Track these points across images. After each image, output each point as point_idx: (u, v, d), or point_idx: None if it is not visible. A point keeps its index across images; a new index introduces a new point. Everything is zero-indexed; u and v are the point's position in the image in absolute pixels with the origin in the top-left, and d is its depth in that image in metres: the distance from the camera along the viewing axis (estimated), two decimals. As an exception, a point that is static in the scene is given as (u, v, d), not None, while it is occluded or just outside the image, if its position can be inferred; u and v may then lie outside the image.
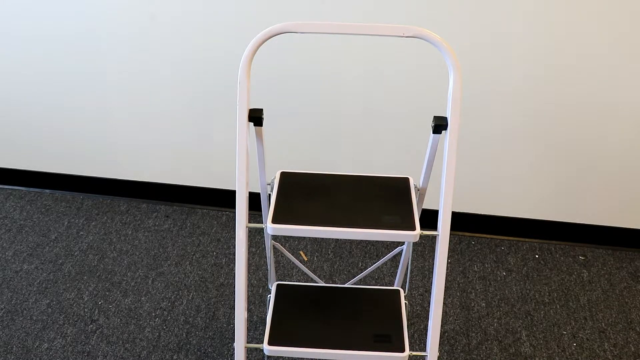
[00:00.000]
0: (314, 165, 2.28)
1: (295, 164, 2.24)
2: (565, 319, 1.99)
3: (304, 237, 2.31)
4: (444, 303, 1.99)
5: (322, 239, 2.29)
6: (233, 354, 1.77)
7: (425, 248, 2.28)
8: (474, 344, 1.88)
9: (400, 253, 1.78)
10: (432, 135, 1.31)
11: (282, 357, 1.71)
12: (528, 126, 2.15)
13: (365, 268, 2.15)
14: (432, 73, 2.06)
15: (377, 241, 2.28)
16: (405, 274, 1.93)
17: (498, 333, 1.92)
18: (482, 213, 2.35)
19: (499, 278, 2.15)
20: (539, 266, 2.22)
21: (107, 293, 2.03)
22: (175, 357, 1.81)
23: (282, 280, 2.04)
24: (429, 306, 1.44)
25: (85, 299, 2.01)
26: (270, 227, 1.28)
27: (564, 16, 1.96)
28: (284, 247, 2.16)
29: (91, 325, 1.91)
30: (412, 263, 2.19)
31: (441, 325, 1.37)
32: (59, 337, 1.86)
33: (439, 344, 1.43)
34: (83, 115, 2.37)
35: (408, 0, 1.99)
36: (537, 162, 2.22)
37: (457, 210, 2.30)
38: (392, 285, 2.04)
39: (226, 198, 2.43)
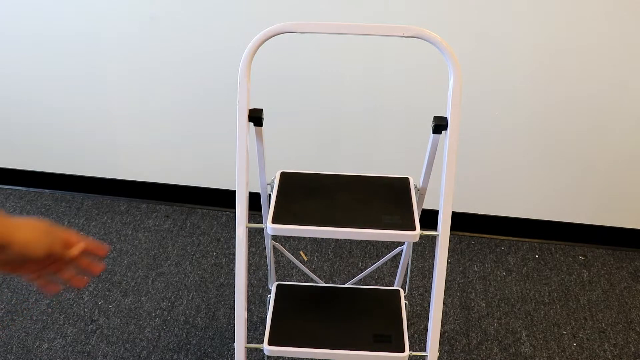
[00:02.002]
0: (314, 165, 2.28)
1: (295, 164, 2.24)
2: (565, 319, 1.99)
3: (304, 237, 2.30)
4: (444, 303, 1.99)
5: (322, 239, 2.29)
6: (233, 354, 1.77)
7: (425, 248, 2.28)
8: (474, 344, 1.88)
9: (400, 253, 1.78)
10: (432, 135, 1.31)
11: (282, 357, 1.71)
12: (528, 126, 2.15)
13: (365, 268, 2.15)
14: (432, 73, 2.06)
15: (377, 241, 2.28)
16: (405, 274, 1.93)
17: (498, 333, 1.92)
18: (482, 213, 2.35)
19: (499, 278, 2.15)
20: (539, 266, 2.22)
21: (107, 293, 2.03)
22: (175, 357, 1.81)
23: (282, 280, 2.04)
24: (429, 306, 1.44)
25: (85, 299, 2.01)
26: (270, 227, 1.28)
27: (563, 16, 1.96)
28: (284, 247, 2.16)
29: (91, 325, 1.91)
30: (412, 263, 2.19)
31: (441, 325, 1.37)
32: (59, 337, 1.86)
33: (439, 344, 1.43)
34: (83, 115, 2.37)
35: (408, 0, 1.99)
36: (537, 162, 2.22)
37: (457, 210, 2.30)
38: (392, 285, 2.04)
39: (226, 198, 2.43)
